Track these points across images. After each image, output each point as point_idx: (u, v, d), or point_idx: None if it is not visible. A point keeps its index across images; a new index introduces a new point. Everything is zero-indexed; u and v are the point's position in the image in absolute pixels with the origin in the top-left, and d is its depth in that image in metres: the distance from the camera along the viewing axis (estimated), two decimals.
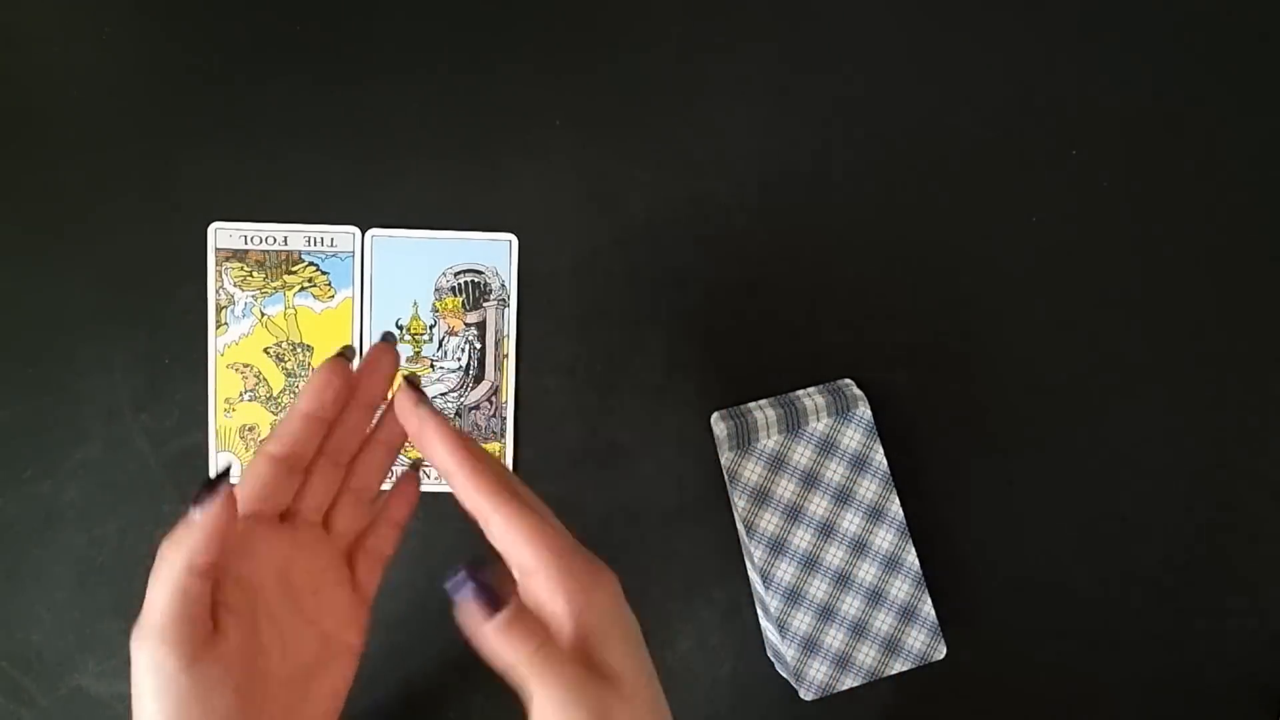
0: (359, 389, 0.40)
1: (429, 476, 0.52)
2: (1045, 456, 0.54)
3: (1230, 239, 0.55)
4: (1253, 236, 0.55)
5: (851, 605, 0.51)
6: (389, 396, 0.41)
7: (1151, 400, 0.55)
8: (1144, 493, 0.55)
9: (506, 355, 0.54)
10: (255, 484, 0.38)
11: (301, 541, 0.40)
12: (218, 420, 0.53)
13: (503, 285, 0.54)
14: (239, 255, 0.53)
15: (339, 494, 0.41)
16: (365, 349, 0.54)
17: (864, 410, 0.51)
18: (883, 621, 0.51)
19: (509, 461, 0.54)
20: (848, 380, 0.53)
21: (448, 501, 0.54)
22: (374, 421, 0.42)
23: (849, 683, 0.50)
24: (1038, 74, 0.54)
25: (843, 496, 0.51)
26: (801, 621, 0.50)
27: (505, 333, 0.54)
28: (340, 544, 0.41)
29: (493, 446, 0.54)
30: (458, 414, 0.54)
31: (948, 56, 0.54)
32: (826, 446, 0.51)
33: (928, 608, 0.51)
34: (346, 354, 0.40)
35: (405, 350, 0.53)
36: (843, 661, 0.50)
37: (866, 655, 0.51)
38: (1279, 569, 0.55)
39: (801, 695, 0.50)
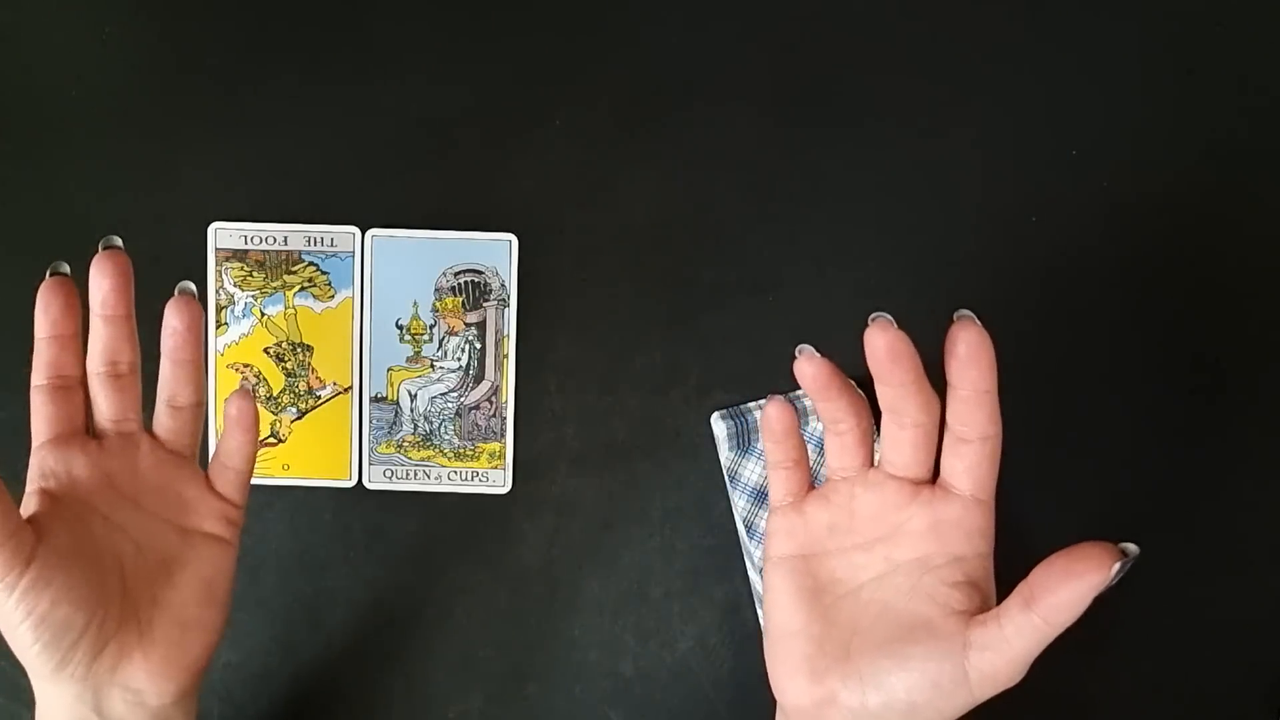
0: (94, 301, 0.42)
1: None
2: (1044, 456, 0.54)
3: (1230, 239, 0.55)
4: (1253, 236, 0.55)
5: None
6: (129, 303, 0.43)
7: (1151, 400, 0.54)
8: (1144, 492, 0.55)
9: (506, 355, 0.54)
10: (38, 416, 0.41)
11: (114, 449, 0.42)
12: (218, 420, 0.53)
13: (503, 285, 0.54)
14: (239, 255, 0.53)
15: (158, 403, 0.44)
16: (365, 345, 0.54)
17: None
18: None
19: (509, 461, 0.54)
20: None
21: (448, 501, 0.54)
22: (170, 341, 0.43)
23: None
24: (1038, 74, 0.54)
25: None
26: None
27: (505, 333, 0.54)
28: (178, 446, 0.44)
29: (493, 446, 0.54)
30: (458, 414, 0.54)
31: (947, 56, 0.54)
32: None
33: None
34: (58, 270, 0.42)
35: (405, 350, 0.53)
36: None
37: None
38: (1279, 569, 0.55)
39: None
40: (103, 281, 0.41)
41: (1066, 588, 0.33)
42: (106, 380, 0.42)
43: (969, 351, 0.36)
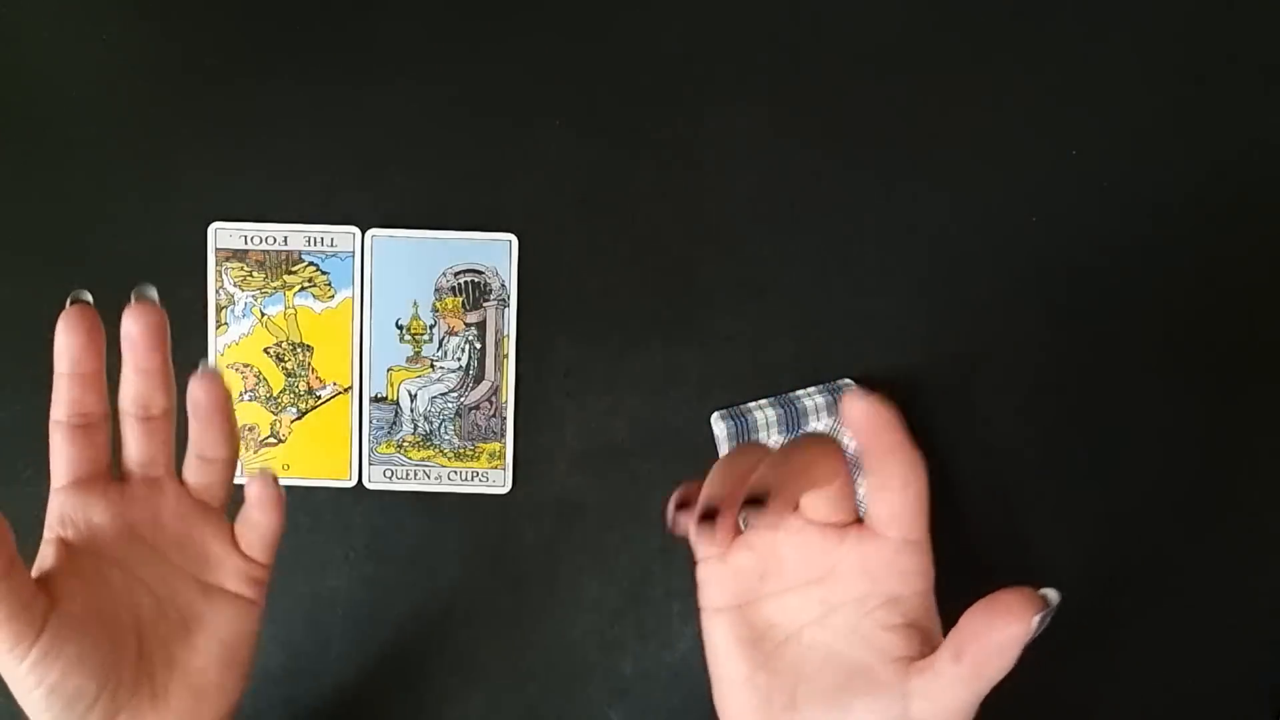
0: (126, 351, 0.39)
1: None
2: (1045, 456, 0.54)
3: (1230, 239, 0.55)
4: (1253, 236, 0.55)
5: None
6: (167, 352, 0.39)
7: (1151, 399, 0.54)
8: (1144, 492, 0.55)
9: (506, 355, 0.54)
10: (57, 456, 0.39)
11: (138, 495, 0.40)
12: None
13: (503, 285, 0.54)
14: (239, 255, 0.53)
15: (188, 454, 0.41)
16: (365, 345, 0.54)
17: None
18: None
19: (509, 461, 0.54)
20: (848, 380, 0.53)
21: (448, 501, 0.54)
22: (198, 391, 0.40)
23: None
24: (1038, 74, 0.54)
25: None
26: None
27: (505, 333, 0.54)
28: (206, 497, 0.41)
29: (493, 446, 0.54)
30: (458, 414, 0.54)
31: (948, 56, 0.54)
32: None
33: None
34: (79, 299, 0.38)
35: (405, 350, 0.53)
36: None
37: None
38: (1279, 569, 0.55)
39: None
40: (136, 335, 0.38)
41: (990, 639, 0.32)
42: (136, 422, 0.39)
43: (868, 423, 0.34)
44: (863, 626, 0.36)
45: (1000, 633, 0.32)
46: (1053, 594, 0.32)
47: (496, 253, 0.53)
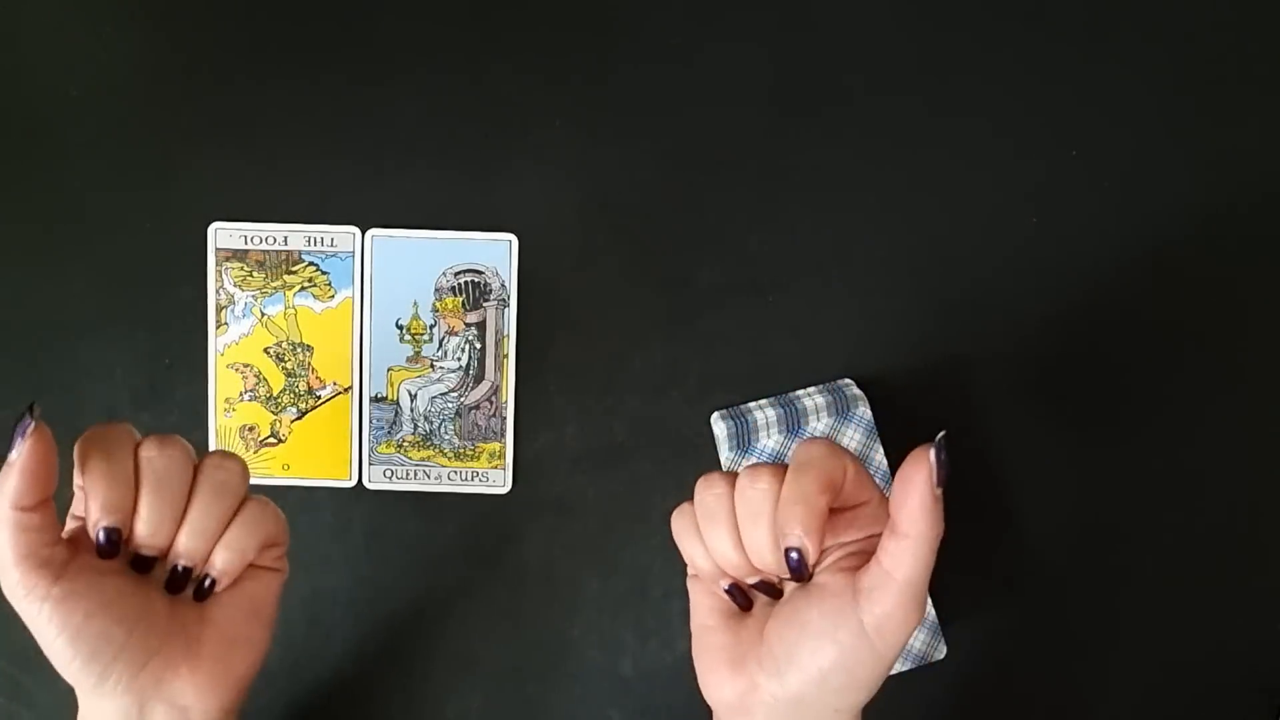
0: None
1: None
2: (1045, 456, 0.54)
3: (1230, 239, 0.55)
4: (1253, 236, 0.55)
5: None
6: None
7: (1151, 400, 0.54)
8: (1143, 492, 0.55)
9: (506, 355, 0.54)
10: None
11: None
12: (218, 420, 0.53)
13: (503, 285, 0.54)
14: (239, 255, 0.53)
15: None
16: (365, 345, 0.54)
17: (864, 410, 0.51)
18: None
19: (509, 461, 0.54)
20: (848, 380, 0.53)
21: (447, 502, 0.54)
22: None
23: None
24: (1038, 74, 0.54)
25: None
26: None
27: (505, 333, 0.54)
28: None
29: (493, 446, 0.54)
30: (458, 414, 0.54)
31: (948, 56, 0.54)
32: None
33: (928, 608, 0.51)
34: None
35: (405, 350, 0.53)
36: None
37: None
38: (1279, 570, 0.55)
39: None
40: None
41: (909, 496, 0.35)
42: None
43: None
44: (827, 560, 0.38)
45: (913, 482, 0.35)
46: (939, 436, 0.35)
47: (496, 253, 0.53)
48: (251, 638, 0.41)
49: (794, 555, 0.35)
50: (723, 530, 0.38)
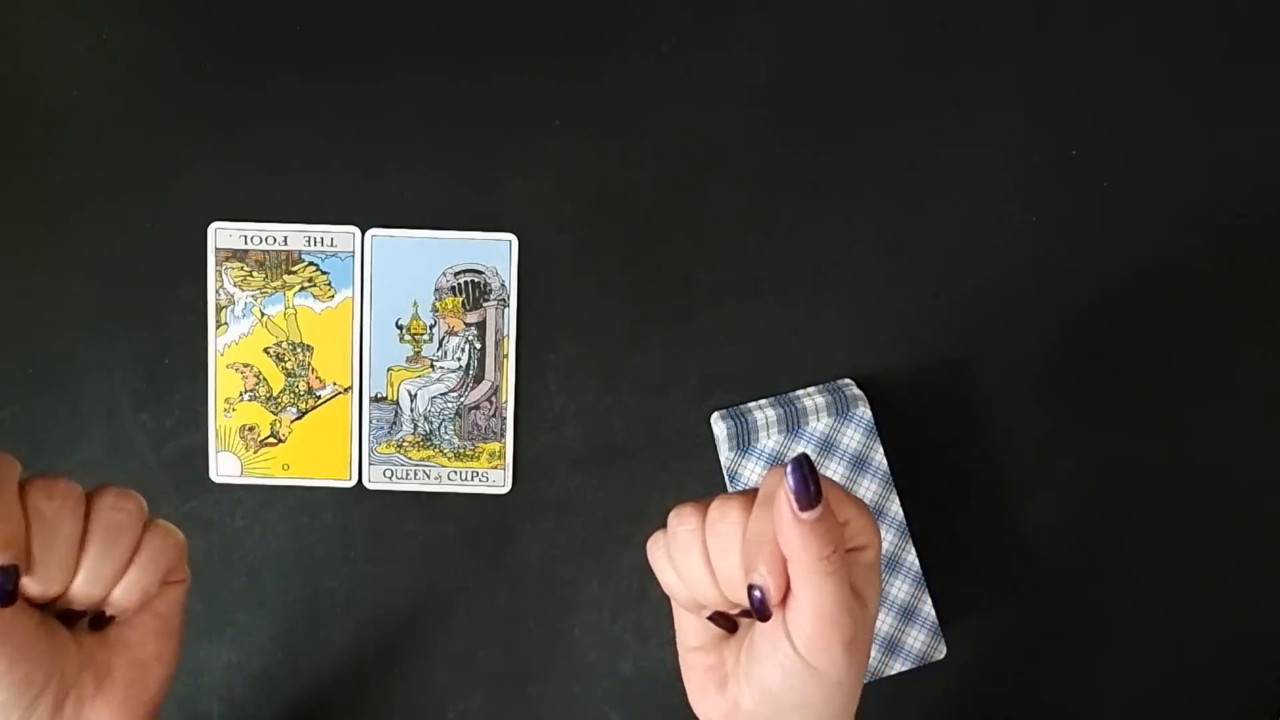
0: None
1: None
2: (1045, 457, 0.54)
3: (1230, 239, 0.55)
4: (1253, 236, 0.55)
5: None
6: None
7: (1151, 399, 0.54)
8: (1143, 492, 0.55)
9: (506, 355, 0.54)
10: None
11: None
12: (218, 420, 0.53)
13: (503, 285, 0.54)
14: (239, 255, 0.53)
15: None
16: (365, 345, 0.54)
17: (864, 410, 0.51)
18: (883, 621, 0.51)
19: (509, 461, 0.54)
20: (848, 380, 0.53)
21: (447, 502, 0.54)
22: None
23: None
24: (1038, 74, 0.54)
25: None
26: None
27: (505, 333, 0.54)
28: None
29: (493, 446, 0.54)
30: (458, 414, 0.54)
31: (947, 57, 0.54)
32: (826, 446, 0.51)
33: (928, 608, 0.51)
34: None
35: (405, 350, 0.53)
36: None
37: None
38: (1278, 569, 0.55)
39: None
40: None
41: (778, 525, 0.34)
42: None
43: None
44: None
45: (778, 514, 0.34)
46: (795, 456, 0.35)
47: (496, 253, 0.53)
48: (162, 655, 0.40)
49: (756, 594, 0.35)
50: (697, 563, 0.38)
